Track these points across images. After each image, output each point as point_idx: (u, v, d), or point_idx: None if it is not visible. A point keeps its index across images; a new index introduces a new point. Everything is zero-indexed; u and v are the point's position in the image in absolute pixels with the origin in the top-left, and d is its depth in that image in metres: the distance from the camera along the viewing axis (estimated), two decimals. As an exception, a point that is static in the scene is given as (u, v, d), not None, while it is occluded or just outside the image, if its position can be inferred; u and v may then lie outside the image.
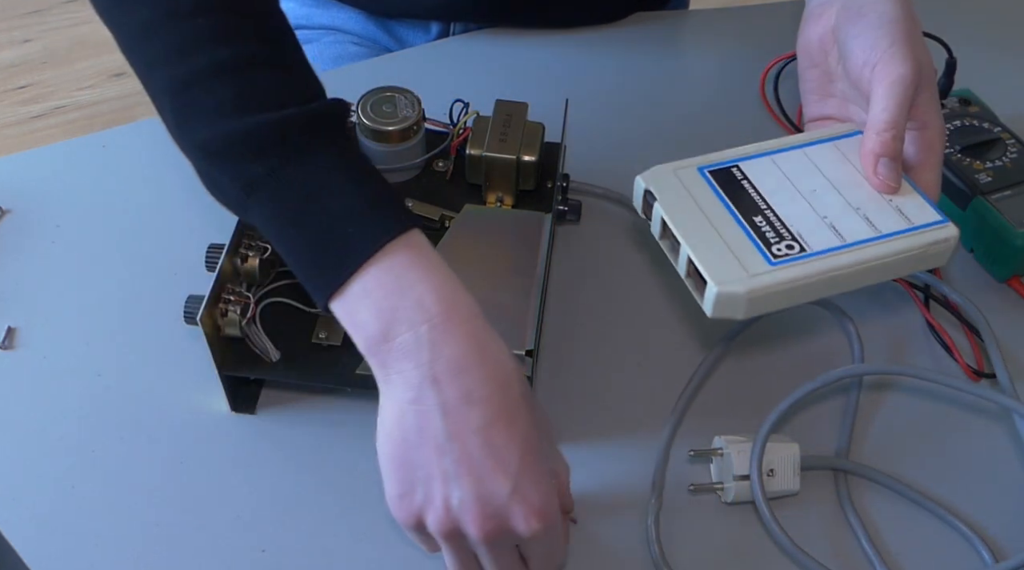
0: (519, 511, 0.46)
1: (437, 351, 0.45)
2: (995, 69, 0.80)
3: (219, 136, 0.48)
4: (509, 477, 0.45)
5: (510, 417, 0.46)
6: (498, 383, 0.46)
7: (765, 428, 0.56)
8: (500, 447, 0.45)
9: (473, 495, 0.46)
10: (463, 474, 0.45)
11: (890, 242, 0.52)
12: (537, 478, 0.46)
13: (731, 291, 0.49)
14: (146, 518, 0.55)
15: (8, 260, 0.65)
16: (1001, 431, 0.61)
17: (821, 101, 0.61)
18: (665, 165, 0.54)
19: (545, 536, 0.47)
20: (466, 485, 0.46)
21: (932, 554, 0.56)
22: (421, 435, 0.46)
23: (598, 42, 0.83)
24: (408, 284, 0.46)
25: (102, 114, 1.81)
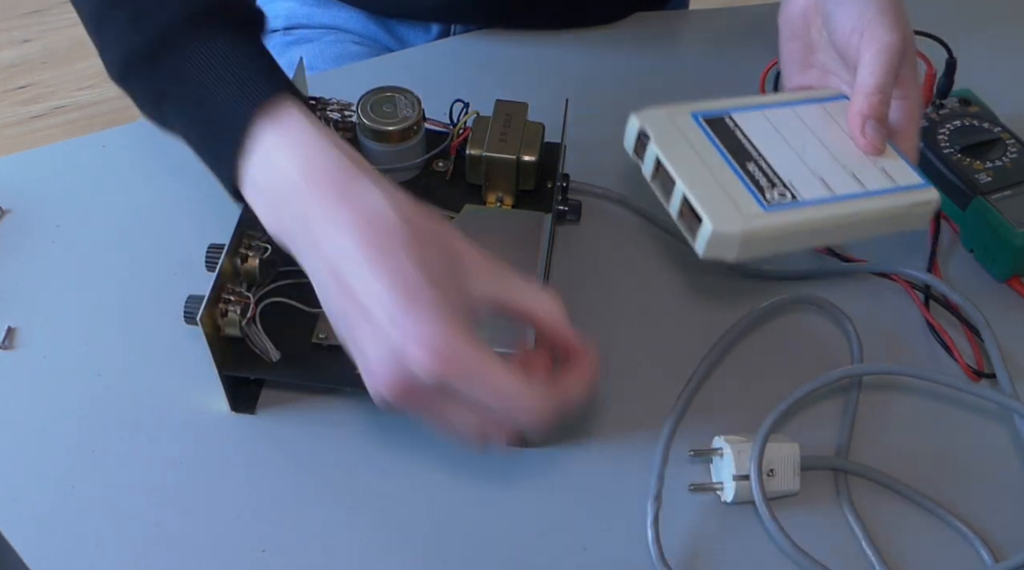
0: (410, 352, 0.42)
1: (311, 224, 0.45)
2: (995, 69, 0.80)
3: (120, 61, 0.51)
4: (391, 320, 0.42)
5: (381, 253, 0.43)
6: (361, 225, 0.44)
7: (765, 428, 0.56)
8: (372, 286, 0.43)
9: (369, 353, 0.43)
10: (356, 335, 0.44)
11: (876, 199, 0.53)
12: (426, 314, 0.42)
13: (726, 231, 0.49)
14: (146, 518, 0.55)
15: (8, 260, 0.65)
16: (1001, 431, 0.61)
17: (802, 72, 0.63)
18: (659, 108, 0.55)
19: (458, 377, 0.42)
20: (362, 344, 0.44)
21: (932, 554, 0.56)
22: (330, 311, 0.45)
23: (598, 42, 0.83)
24: (279, 167, 0.46)
25: (102, 114, 1.81)
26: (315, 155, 0.46)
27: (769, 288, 0.66)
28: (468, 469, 0.57)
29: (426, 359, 0.42)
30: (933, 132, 0.70)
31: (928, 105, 0.72)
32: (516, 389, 0.43)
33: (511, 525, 0.55)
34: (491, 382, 0.43)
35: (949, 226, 0.70)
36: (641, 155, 0.54)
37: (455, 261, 0.45)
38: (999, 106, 0.72)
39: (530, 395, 0.44)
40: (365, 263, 0.43)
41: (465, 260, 0.45)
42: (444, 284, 0.43)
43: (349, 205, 0.44)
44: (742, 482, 0.55)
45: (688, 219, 0.51)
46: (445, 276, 0.44)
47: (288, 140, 0.47)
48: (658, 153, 0.52)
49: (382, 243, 0.43)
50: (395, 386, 0.44)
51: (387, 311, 0.42)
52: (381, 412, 0.59)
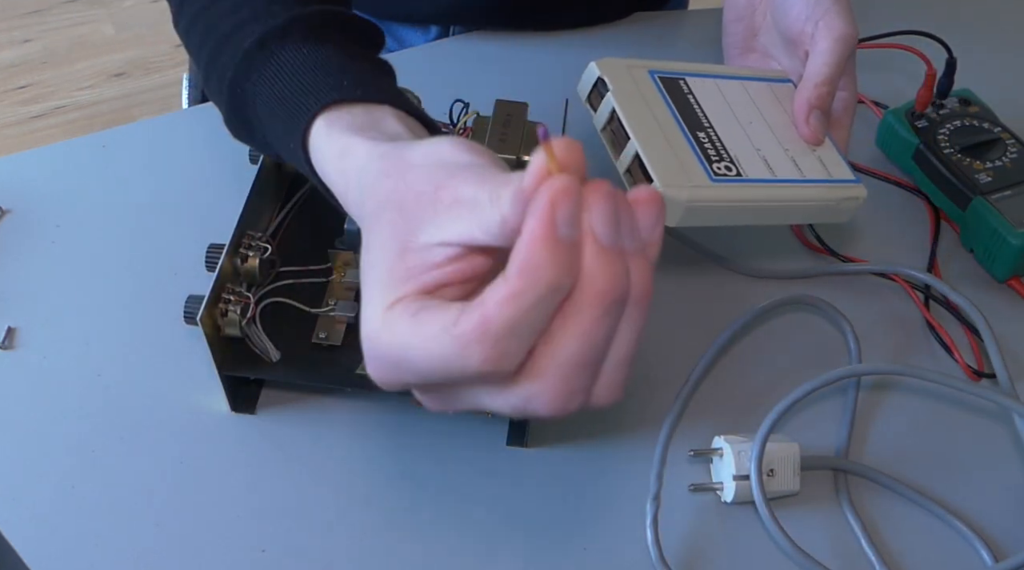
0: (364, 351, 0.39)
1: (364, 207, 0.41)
2: (995, 69, 0.80)
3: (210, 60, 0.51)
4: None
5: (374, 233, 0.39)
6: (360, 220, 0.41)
7: (765, 428, 0.56)
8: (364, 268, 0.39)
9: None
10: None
11: (811, 188, 0.55)
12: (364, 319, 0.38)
13: (674, 196, 0.50)
14: (146, 518, 0.55)
15: (8, 260, 0.65)
16: (1001, 431, 0.61)
17: (743, 55, 0.64)
18: (618, 59, 0.56)
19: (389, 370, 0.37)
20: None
21: (932, 554, 0.56)
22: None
23: (598, 42, 0.83)
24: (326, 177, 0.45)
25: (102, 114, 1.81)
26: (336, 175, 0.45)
27: (769, 288, 0.66)
28: (468, 469, 0.57)
29: (367, 360, 0.38)
30: (933, 132, 0.70)
31: (928, 105, 0.72)
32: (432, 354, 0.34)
33: (511, 525, 0.55)
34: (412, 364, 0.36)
35: (949, 226, 0.70)
36: (595, 105, 0.55)
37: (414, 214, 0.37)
38: (999, 106, 0.72)
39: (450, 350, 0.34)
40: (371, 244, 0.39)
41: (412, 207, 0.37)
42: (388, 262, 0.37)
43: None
44: (742, 482, 0.55)
45: (636, 176, 0.52)
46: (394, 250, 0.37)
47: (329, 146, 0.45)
48: (615, 105, 0.53)
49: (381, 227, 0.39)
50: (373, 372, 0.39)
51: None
52: (381, 412, 0.59)
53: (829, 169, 0.56)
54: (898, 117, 0.72)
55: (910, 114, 0.72)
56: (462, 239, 0.35)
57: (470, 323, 0.33)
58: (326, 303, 0.58)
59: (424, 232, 0.36)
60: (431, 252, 0.36)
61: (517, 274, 0.33)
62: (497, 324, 0.33)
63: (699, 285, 0.67)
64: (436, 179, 0.36)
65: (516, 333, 0.33)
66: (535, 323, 0.33)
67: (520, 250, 0.33)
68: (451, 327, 0.34)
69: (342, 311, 0.57)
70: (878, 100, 0.76)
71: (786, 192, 0.54)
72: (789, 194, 0.54)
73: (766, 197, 0.53)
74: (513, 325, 0.33)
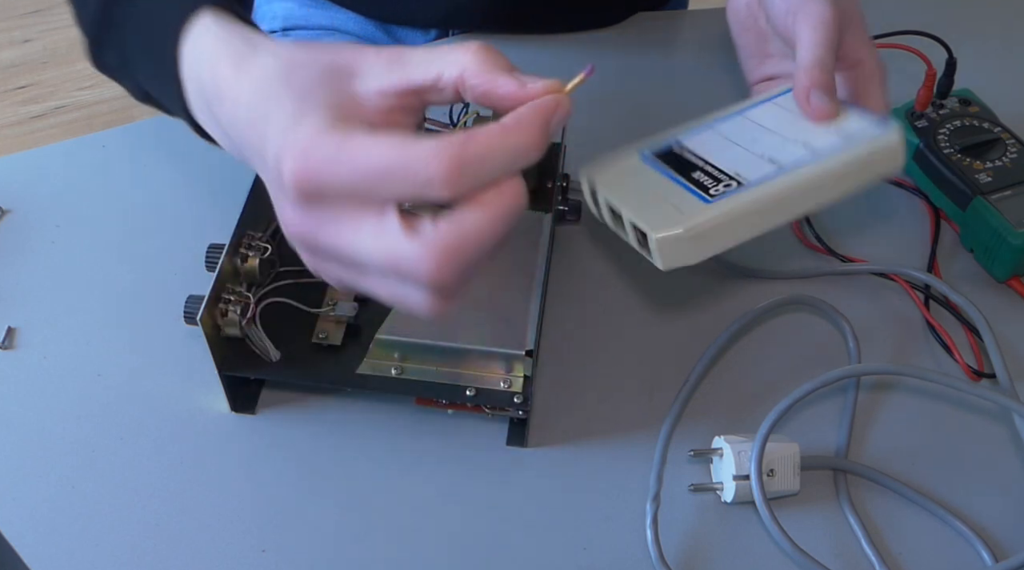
0: (281, 171, 0.38)
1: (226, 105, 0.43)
2: (995, 69, 0.80)
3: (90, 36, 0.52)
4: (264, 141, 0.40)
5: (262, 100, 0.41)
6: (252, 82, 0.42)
7: (765, 428, 0.56)
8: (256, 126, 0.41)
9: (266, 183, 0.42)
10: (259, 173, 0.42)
11: (829, 159, 0.52)
12: (276, 131, 0.39)
13: (670, 234, 0.49)
14: (146, 518, 0.55)
15: (8, 260, 0.65)
16: (1001, 431, 0.61)
17: (761, 64, 0.63)
18: (605, 157, 0.55)
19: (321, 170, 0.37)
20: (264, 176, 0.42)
21: (932, 554, 0.56)
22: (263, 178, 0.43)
23: (598, 42, 0.83)
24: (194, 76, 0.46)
25: (102, 114, 1.81)
26: (215, 51, 0.45)
27: (768, 288, 0.66)
28: (468, 469, 0.57)
29: (286, 167, 0.38)
30: (933, 132, 0.70)
31: (928, 105, 0.72)
32: (393, 153, 0.37)
33: (511, 525, 0.55)
34: (360, 161, 0.37)
35: (949, 226, 0.70)
36: (599, 207, 0.54)
37: (338, 70, 0.41)
38: (999, 106, 0.72)
39: (420, 152, 0.36)
40: (251, 103, 0.41)
41: (354, 64, 0.41)
42: (316, 92, 0.39)
43: (243, 74, 0.43)
44: (742, 482, 0.55)
45: (642, 241, 0.51)
46: (320, 86, 0.40)
47: (196, 50, 0.46)
48: (607, 197, 0.52)
49: (261, 85, 0.41)
50: (286, 224, 0.41)
51: (264, 139, 0.40)
52: (381, 412, 0.59)
53: (850, 133, 0.53)
54: (898, 117, 0.72)
55: (910, 114, 0.72)
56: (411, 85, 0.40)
57: (451, 139, 0.37)
58: (326, 303, 0.58)
59: (365, 83, 0.40)
60: (371, 98, 0.40)
61: (514, 122, 0.39)
62: (474, 148, 0.37)
63: (699, 285, 0.67)
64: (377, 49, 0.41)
65: (479, 165, 0.37)
66: (492, 171, 0.38)
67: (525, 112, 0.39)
68: (425, 140, 0.37)
69: (342, 311, 0.57)
70: (878, 100, 0.76)
71: (796, 176, 0.51)
72: (801, 176, 0.51)
73: (777, 189, 0.51)
74: (484, 157, 0.37)
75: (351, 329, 0.57)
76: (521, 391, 0.55)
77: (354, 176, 0.37)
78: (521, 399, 0.55)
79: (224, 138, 0.47)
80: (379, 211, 0.38)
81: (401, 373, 0.56)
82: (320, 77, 0.41)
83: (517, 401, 0.55)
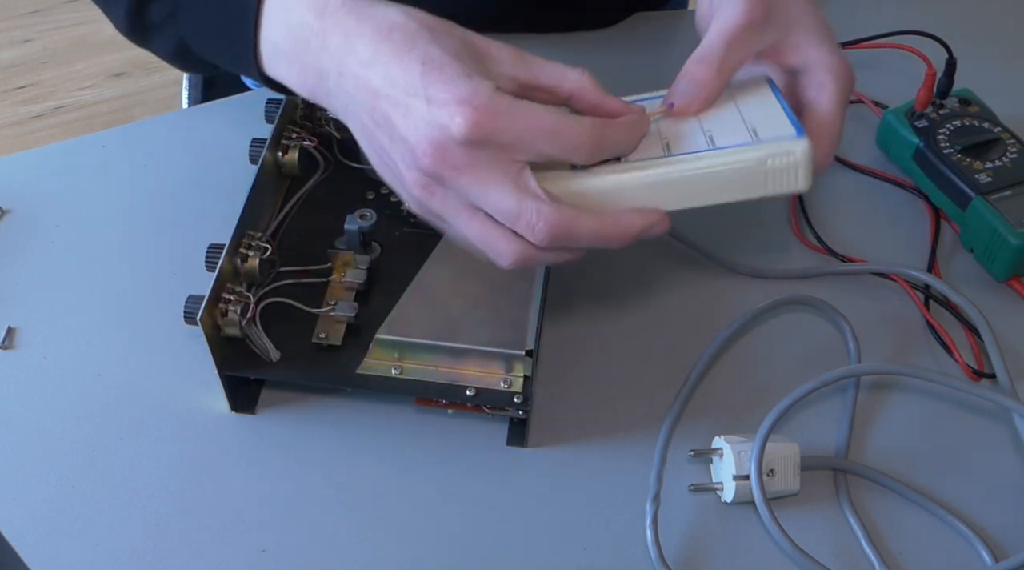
0: (446, 115, 0.44)
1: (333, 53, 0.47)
2: (995, 69, 0.80)
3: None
4: (425, 98, 0.45)
5: (403, 49, 0.46)
6: (382, 34, 0.46)
7: (765, 428, 0.56)
8: (399, 78, 0.45)
9: (402, 133, 0.46)
10: (388, 123, 0.46)
11: (722, 154, 0.49)
12: (455, 81, 0.45)
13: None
14: (146, 518, 0.55)
15: (8, 260, 0.65)
16: (1001, 431, 0.61)
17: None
18: None
19: (496, 124, 0.45)
20: (395, 129, 0.46)
21: (932, 554, 0.56)
22: (365, 130, 0.48)
23: (597, 42, 0.83)
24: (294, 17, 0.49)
25: (102, 114, 1.81)
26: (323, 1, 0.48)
27: (769, 288, 0.66)
28: (468, 469, 0.57)
29: (465, 116, 0.44)
30: (933, 132, 0.70)
31: (928, 105, 0.72)
32: (557, 119, 0.45)
33: (511, 525, 0.55)
34: (531, 121, 0.45)
35: (949, 226, 0.70)
36: None
37: (475, 51, 0.47)
38: (999, 106, 0.72)
39: (574, 122, 0.46)
40: (391, 61, 0.46)
41: (487, 48, 0.48)
42: (467, 59, 0.46)
43: (366, 23, 0.47)
44: (742, 482, 0.55)
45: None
46: (468, 55, 0.46)
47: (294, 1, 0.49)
48: None
49: (403, 44, 0.46)
50: (427, 155, 0.45)
51: (418, 92, 0.45)
52: (381, 412, 0.59)
53: (759, 133, 0.50)
54: (898, 117, 0.72)
55: (910, 114, 0.72)
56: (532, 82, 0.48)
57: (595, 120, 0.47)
58: (326, 303, 0.58)
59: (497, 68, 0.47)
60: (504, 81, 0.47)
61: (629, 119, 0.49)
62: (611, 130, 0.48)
63: (699, 285, 0.67)
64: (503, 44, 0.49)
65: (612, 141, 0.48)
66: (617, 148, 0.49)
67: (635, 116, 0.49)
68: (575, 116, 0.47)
69: (342, 311, 0.57)
70: (878, 100, 0.76)
71: (682, 165, 0.49)
72: (686, 166, 0.49)
73: (656, 173, 0.49)
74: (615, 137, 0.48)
75: (351, 329, 0.57)
76: (521, 391, 0.55)
77: (522, 131, 0.45)
78: (521, 399, 0.55)
79: (316, 84, 0.49)
80: (521, 167, 0.46)
81: (401, 373, 0.56)
82: (463, 50, 0.47)
83: (517, 401, 0.55)
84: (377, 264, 0.60)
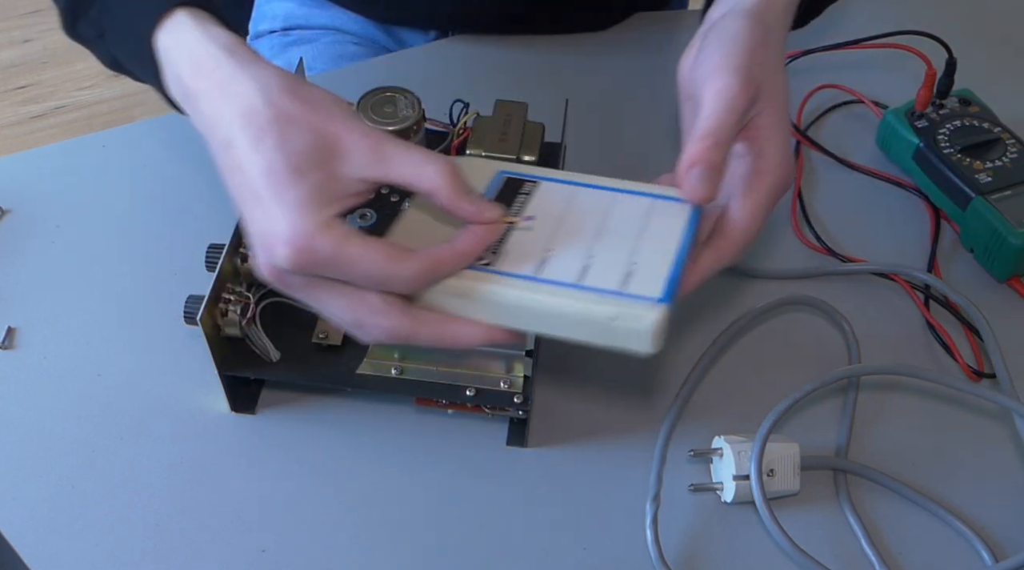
0: (274, 247, 0.44)
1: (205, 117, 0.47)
2: (995, 69, 0.80)
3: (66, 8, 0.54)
4: (263, 211, 0.44)
5: (253, 145, 0.45)
6: (240, 119, 0.45)
7: (765, 428, 0.56)
8: (246, 176, 0.45)
9: (248, 227, 0.46)
10: (243, 204, 0.46)
11: (577, 297, 0.45)
12: (287, 210, 0.44)
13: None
14: (146, 518, 0.55)
15: (8, 260, 0.65)
16: (1001, 431, 0.61)
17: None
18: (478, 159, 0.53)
19: (319, 267, 0.44)
20: (246, 215, 0.46)
21: (932, 554, 0.56)
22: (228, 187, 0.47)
23: (598, 42, 0.83)
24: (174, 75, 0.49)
25: (102, 114, 1.81)
26: (197, 57, 0.48)
27: (768, 288, 0.66)
28: (468, 469, 0.57)
29: (286, 254, 0.44)
30: (933, 132, 0.70)
31: (928, 105, 0.72)
32: (381, 265, 0.45)
33: (511, 525, 0.55)
34: (353, 266, 0.45)
35: (949, 226, 0.70)
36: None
37: (329, 144, 0.45)
38: (999, 106, 0.72)
39: (399, 266, 0.45)
40: (243, 155, 0.45)
41: (341, 142, 0.46)
42: (310, 172, 0.45)
43: (228, 102, 0.46)
44: (742, 482, 0.55)
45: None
46: (313, 163, 0.45)
47: (176, 50, 0.49)
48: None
49: (254, 139, 0.45)
50: (269, 273, 0.46)
51: (260, 200, 0.45)
52: (381, 412, 0.59)
53: (631, 283, 0.46)
54: (898, 117, 0.72)
55: (910, 114, 0.72)
56: (387, 182, 0.46)
57: (427, 263, 0.45)
58: (326, 303, 0.58)
59: (348, 168, 0.45)
60: (352, 183, 0.46)
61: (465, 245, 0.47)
62: (440, 270, 0.46)
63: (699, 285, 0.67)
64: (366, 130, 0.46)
65: (440, 274, 0.46)
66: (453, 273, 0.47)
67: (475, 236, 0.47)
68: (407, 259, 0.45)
69: (342, 311, 0.57)
70: (878, 100, 0.76)
71: (542, 295, 0.45)
72: (545, 298, 0.45)
73: (511, 295, 0.45)
74: (444, 274, 0.46)
75: (351, 329, 0.57)
76: (521, 391, 0.55)
77: (345, 272, 0.45)
78: (521, 399, 0.55)
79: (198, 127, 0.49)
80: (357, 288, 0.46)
81: (401, 373, 0.56)
82: (316, 150, 0.45)
83: (517, 401, 0.55)
84: (377, 264, 0.60)
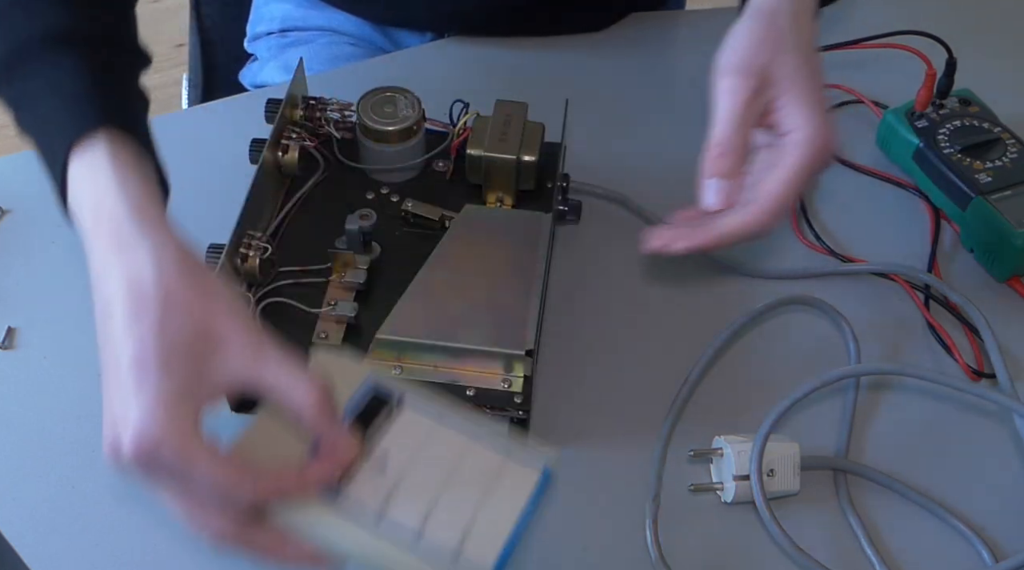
0: (122, 434, 0.42)
1: (95, 264, 0.47)
2: (995, 69, 0.80)
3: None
4: (121, 393, 0.43)
5: (128, 322, 0.43)
6: (124, 287, 0.44)
7: (765, 428, 0.56)
8: (114, 352, 0.43)
9: (104, 402, 0.44)
10: (104, 370, 0.44)
11: (404, 553, 0.44)
12: (145, 401, 0.42)
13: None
14: (146, 518, 0.55)
15: (8, 260, 0.65)
16: (1001, 431, 0.61)
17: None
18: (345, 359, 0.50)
19: (157, 470, 0.42)
20: (104, 391, 0.44)
21: (932, 554, 0.56)
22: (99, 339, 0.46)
23: (597, 42, 0.83)
24: (77, 206, 0.48)
25: (102, 114, 1.80)
26: (101, 206, 0.47)
27: (768, 288, 0.66)
28: (468, 469, 0.57)
29: (130, 448, 0.42)
30: (933, 132, 0.70)
31: (928, 105, 0.72)
32: (223, 478, 0.43)
33: (511, 525, 0.55)
34: (195, 476, 0.43)
35: (949, 226, 0.70)
36: None
37: (208, 337, 0.44)
38: (999, 106, 0.72)
39: (241, 486, 0.43)
40: (119, 326, 0.44)
41: (222, 337, 0.44)
42: (180, 367, 0.43)
43: (118, 264, 0.45)
44: (742, 482, 0.55)
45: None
46: (185, 356, 0.43)
47: (83, 187, 0.48)
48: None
49: (132, 315, 0.44)
50: (110, 453, 0.43)
51: (121, 382, 0.43)
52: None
53: (469, 547, 0.44)
54: (898, 117, 0.72)
55: (910, 114, 0.72)
56: (257, 387, 0.45)
57: (274, 477, 0.44)
58: (326, 303, 0.58)
59: (222, 365, 0.44)
60: (222, 381, 0.44)
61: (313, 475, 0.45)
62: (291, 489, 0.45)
63: (698, 285, 0.67)
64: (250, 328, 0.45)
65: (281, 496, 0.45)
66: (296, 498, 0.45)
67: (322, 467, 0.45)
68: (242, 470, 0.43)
69: (342, 311, 0.57)
70: (878, 100, 0.76)
71: (372, 542, 0.44)
72: (373, 546, 0.44)
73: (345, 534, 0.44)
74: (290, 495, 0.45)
75: (351, 329, 0.57)
76: (521, 391, 0.55)
77: (188, 477, 0.43)
78: (521, 399, 0.55)
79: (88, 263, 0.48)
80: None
81: (401, 373, 0.56)
82: (187, 343, 0.43)
83: (517, 401, 0.55)
84: (377, 264, 0.60)
